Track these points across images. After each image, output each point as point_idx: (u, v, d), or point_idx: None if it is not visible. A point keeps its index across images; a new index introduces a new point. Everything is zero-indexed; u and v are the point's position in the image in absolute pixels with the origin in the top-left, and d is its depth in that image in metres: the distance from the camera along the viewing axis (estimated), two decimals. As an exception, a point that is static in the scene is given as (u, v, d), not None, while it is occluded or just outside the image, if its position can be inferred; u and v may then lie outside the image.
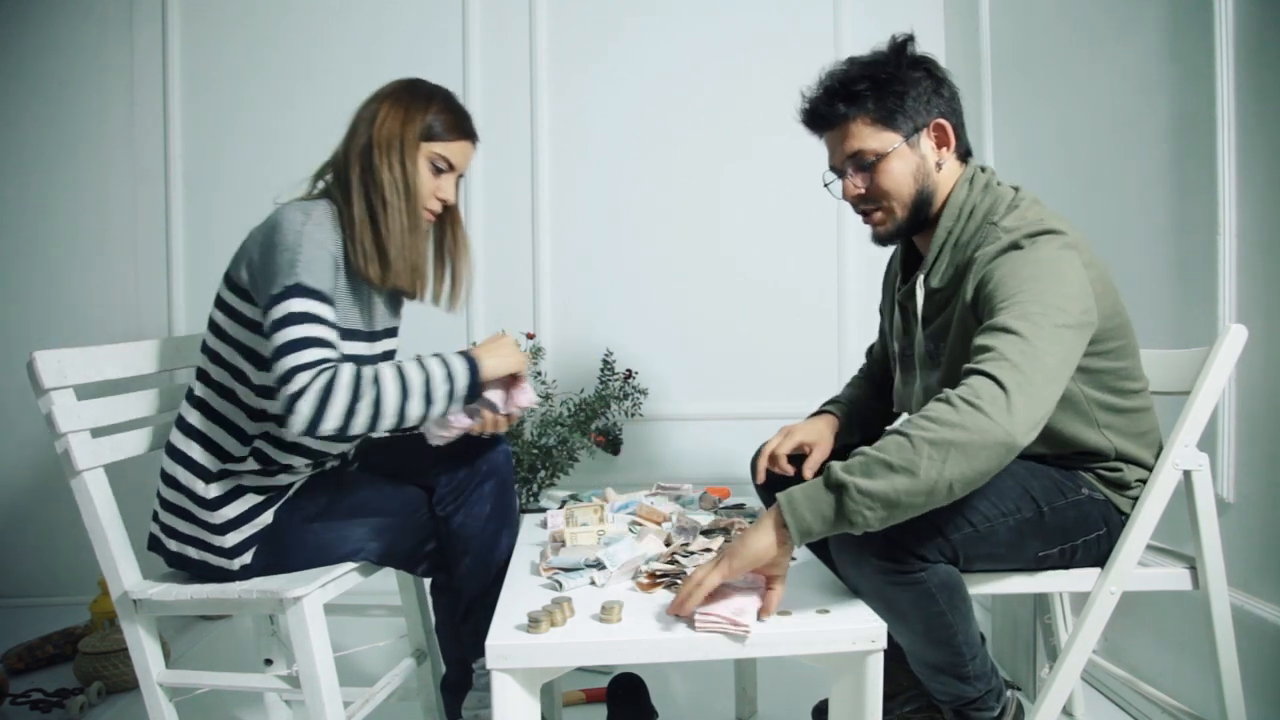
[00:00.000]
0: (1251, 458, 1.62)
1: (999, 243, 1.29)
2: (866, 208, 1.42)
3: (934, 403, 1.12)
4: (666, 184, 2.75)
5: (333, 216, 1.40)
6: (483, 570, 1.51)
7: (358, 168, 1.43)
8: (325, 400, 1.26)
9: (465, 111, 1.53)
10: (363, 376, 1.29)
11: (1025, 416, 1.09)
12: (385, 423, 1.31)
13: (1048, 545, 1.33)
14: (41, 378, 1.34)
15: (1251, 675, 1.45)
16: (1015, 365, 1.12)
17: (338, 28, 2.71)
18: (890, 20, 2.81)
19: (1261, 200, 1.59)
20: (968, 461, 1.08)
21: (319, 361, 1.28)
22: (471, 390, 1.39)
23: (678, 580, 1.25)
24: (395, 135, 1.43)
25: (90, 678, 2.00)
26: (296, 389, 1.25)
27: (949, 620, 1.24)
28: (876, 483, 1.08)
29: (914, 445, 1.08)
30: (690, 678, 2.04)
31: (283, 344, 1.28)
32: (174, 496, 1.43)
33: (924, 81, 1.36)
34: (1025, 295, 1.20)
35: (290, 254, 1.32)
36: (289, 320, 1.29)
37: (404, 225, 1.43)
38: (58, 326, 2.68)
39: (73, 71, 2.68)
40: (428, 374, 1.35)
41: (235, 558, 1.41)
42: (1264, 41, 1.58)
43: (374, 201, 1.41)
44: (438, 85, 1.53)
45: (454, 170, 1.50)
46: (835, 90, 1.37)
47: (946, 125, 1.37)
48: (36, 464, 2.65)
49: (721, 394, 2.76)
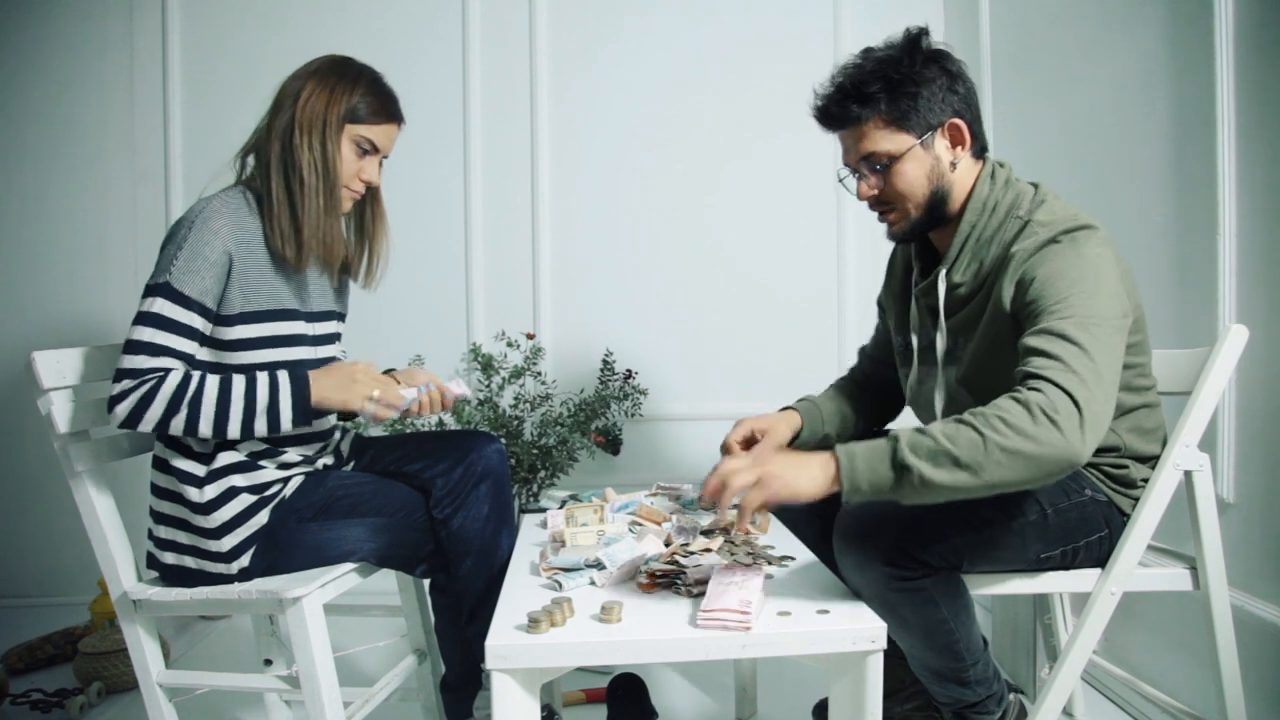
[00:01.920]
0: (1251, 458, 1.62)
1: (1036, 237, 1.27)
2: (881, 208, 1.41)
3: (1010, 403, 1.11)
4: (666, 184, 2.75)
5: (245, 203, 1.43)
6: (485, 571, 1.51)
7: (278, 145, 1.44)
8: (141, 409, 1.32)
9: (392, 94, 1.53)
10: (185, 390, 1.34)
11: (1093, 436, 1.10)
12: (203, 434, 1.35)
13: (1050, 547, 1.33)
14: (41, 378, 1.34)
15: (1251, 675, 1.45)
16: (1084, 381, 1.11)
17: (338, 28, 2.71)
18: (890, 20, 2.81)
19: (1261, 200, 1.59)
20: (1031, 471, 1.09)
21: (147, 370, 1.33)
22: (299, 417, 1.39)
23: (677, 580, 1.25)
24: (318, 115, 1.43)
25: (90, 678, 2.00)
26: (117, 391, 1.32)
27: (951, 627, 1.24)
28: (940, 473, 1.09)
29: (986, 447, 1.08)
30: (690, 678, 2.04)
31: (128, 340, 1.34)
32: (167, 507, 1.43)
33: (938, 79, 1.33)
34: (1077, 299, 1.19)
35: (173, 248, 1.37)
36: (142, 319, 1.35)
37: (320, 206, 1.44)
38: (57, 327, 2.68)
39: (73, 71, 2.68)
40: (252, 396, 1.37)
41: (233, 560, 1.41)
42: (1264, 41, 1.57)
43: (292, 182, 1.43)
44: (365, 65, 1.52)
45: (378, 152, 1.51)
46: (848, 90, 1.34)
47: (961, 124, 1.35)
48: (36, 464, 2.64)
49: (721, 394, 2.76)
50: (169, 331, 1.35)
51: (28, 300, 2.69)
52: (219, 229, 1.38)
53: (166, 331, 1.35)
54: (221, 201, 1.41)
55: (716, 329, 2.75)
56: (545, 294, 2.75)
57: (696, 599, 1.19)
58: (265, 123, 1.47)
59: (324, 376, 1.41)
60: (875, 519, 1.20)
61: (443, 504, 1.50)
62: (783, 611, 1.14)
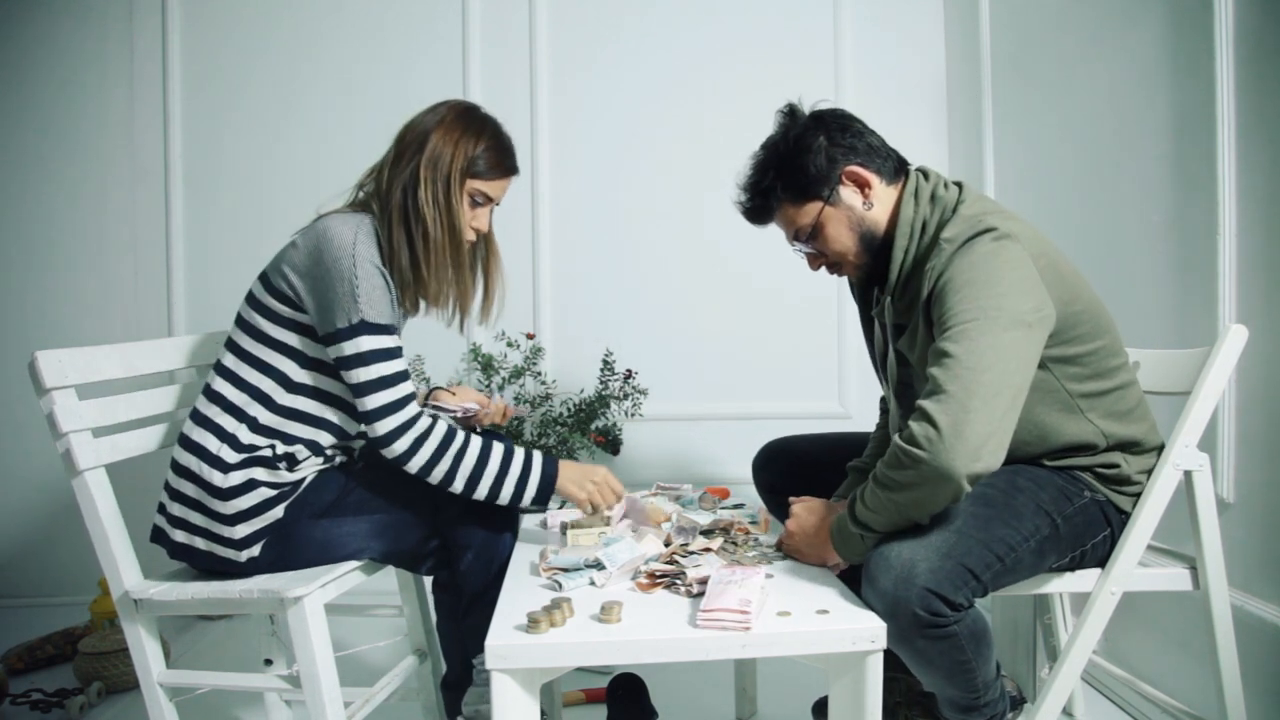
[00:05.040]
0: (1251, 458, 1.62)
1: (943, 253, 1.31)
2: (833, 270, 1.49)
3: (890, 450, 1.22)
4: (666, 183, 2.75)
5: (373, 233, 1.43)
6: (485, 567, 1.51)
7: (399, 195, 1.44)
8: (417, 447, 1.40)
9: (511, 146, 1.54)
10: (450, 443, 1.41)
11: (966, 447, 1.15)
12: (455, 489, 1.43)
13: (1062, 555, 1.34)
14: (43, 377, 1.34)
15: (1251, 675, 1.46)
16: (950, 395, 1.17)
17: (338, 28, 2.72)
18: (890, 20, 2.83)
19: (1261, 200, 1.59)
20: (931, 504, 1.20)
21: (403, 399, 1.40)
22: (539, 496, 1.47)
23: (677, 580, 1.25)
24: (444, 170, 1.44)
25: (90, 678, 2.00)
26: (392, 427, 1.39)
27: (972, 666, 1.24)
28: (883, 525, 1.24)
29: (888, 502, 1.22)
30: (690, 678, 2.04)
31: (364, 382, 1.39)
32: (187, 487, 1.43)
33: (818, 140, 1.40)
34: (960, 307, 1.23)
35: (348, 285, 1.37)
36: (365, 360, 1.38)
37: (446, 260, 1.46)
38: (58, 326, 2.68)
39: (73, 71, 2.68)
40: (507, 465, 1.44)
41: (244, 549, 1.42)
42: (1264, 41, 1.58)
43: (414, 234, 1.44)
44: (489, 116, 1.53)
45: (491, 202, 1.52)
46: (751, 189, 1.46)
47: (857, 169, 1.39)
48: (37, 464, 2.65)
49: (721, 394, 2.76)
50: (391, 360, 1.40)
51: (28, 299, 2.69)
52: (376, 262, 1.40)
53: (389, 360, 1.40)
54: (366, 234, 1.41)
55: (716, 329, 2.75)
56: (545, 294, 2.75)
57: (696, 599, 1.19)
58: (388, 168, 1.47)
59: (570, 469, 1.50)
60: (904, 571, 1.18)
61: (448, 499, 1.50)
62: (783, 611, 1.14)
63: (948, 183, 1.41)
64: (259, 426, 1.44)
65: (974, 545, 1.21)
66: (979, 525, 1.24)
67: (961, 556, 1.19)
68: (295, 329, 1.44)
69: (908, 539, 1.21)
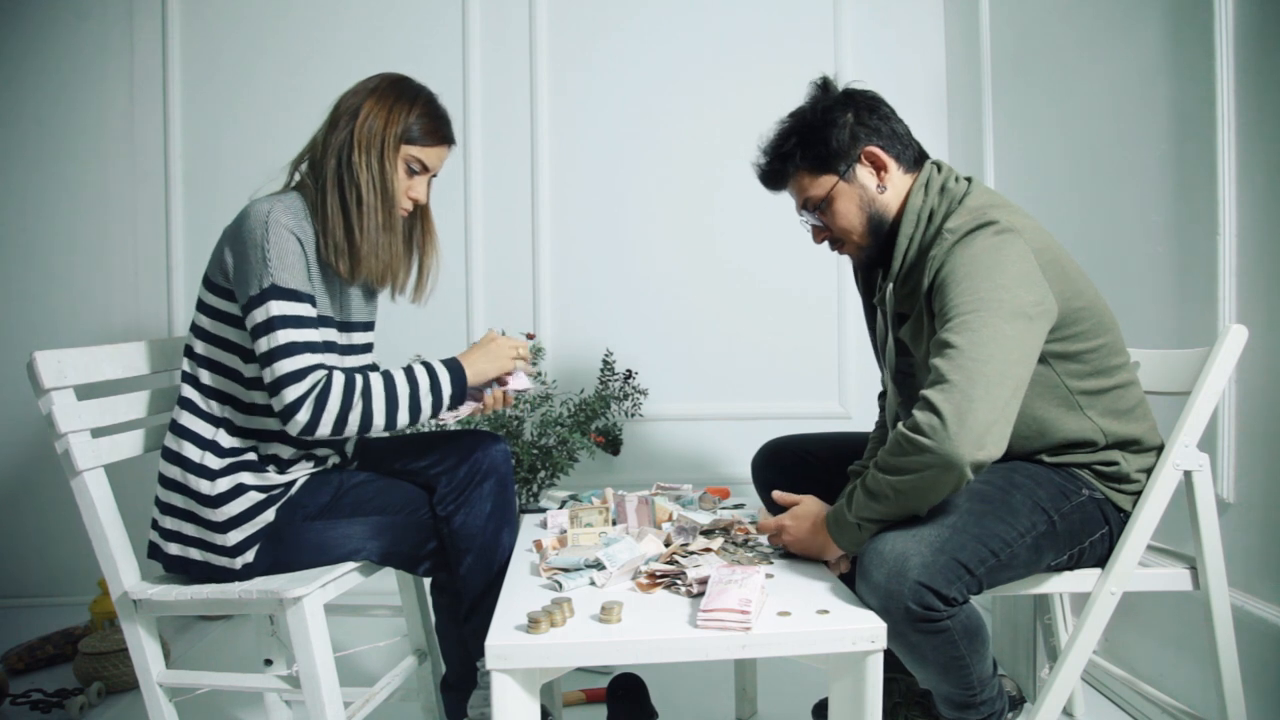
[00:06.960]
0: (1251, 458, 1.62)
1: (945, 243, 1.32)
2: (835, 246, 1.51)
3: (892, 437, 1.23)
4: (667, 183, 2.75)
5: (303, 208, 1.43)
6: (485, 569, 1.51)
7: (334, 161, 1.44)
8: (320, 408, 1.35)
9: (446, 115, 1.54)
10: (354, 386, 1.37)
11: (970, 435, 1.16)
12: (375, 430, 1.40)
13: (1060, 554, 1.34)
14: (42, 378, 1.34)
15: (1251, 675, 1.46)
16: (954, 385, 1.18)
17: (338, 28, 2.71)
18: (890, 19, 2.83)
19: (1261, 200, 1.59)
20: (932, 494, 1.21)
21: (309, 368, 1.36)
22: (457, 397, 1.46)
23: (677, 580, 1.25)
24: (377, 135, 1.45)
25: (90, 678, 2.00)
26: (293, 398, 1.34)
27: (966, 662, 1.24)
28: (881, 514, 1.25)
29: (889, 489, 1.22)
30: (690, 678, 2.04)
31: (269, 350, 1.35)
32: (175, 499, 1.43)
33: (845, 116, 1.42)
34: (962, 299, 1.24)
35: (260, 250, 1.36)
36: (271, 325, 1.35)
37: (378, 224, 1.46)
38: (58, 326, 2.68)
39: (73, 71, 2.68)
40: (414, 384, 1.42)
41: (238, 556, 1.42)
42: (1264, 41, 1.57)
43: (348, 198, 1.44)
44: (422, 86, 1.54)
45: (428, 172, 1.52)
46: (771, 152, 1.48)
47: (877, 151, 1.42)
48: (36, 464, 2.65)
49: (721, 394, 2.76)
50: (301, 327, 1.37)
51: (28, 299, 2.69)
52: (291, 228, 1.39)
53: (299, 328, 1.36)
54: (284, 205, 1.41)
55: (716, 329, 2.75)
56: (545, 294, 2.75)
57: (696, 599, 1.20)
58: (321, 136, 1.49)
59: (471, 355, 1.50)
60: (897, 565, 1.18)
61: (446, 501, 1.50)
62: (783, 611, 1.14)
63: (959, 176, 1.43)
64: (235, 429, 1.45)
65: (968, 540, 1.21)
66: (974, 520, 1.24)
67: (955, 551, 1.20)
68: (238, 324, 1.43)
69: (902, 533, 1.22)
